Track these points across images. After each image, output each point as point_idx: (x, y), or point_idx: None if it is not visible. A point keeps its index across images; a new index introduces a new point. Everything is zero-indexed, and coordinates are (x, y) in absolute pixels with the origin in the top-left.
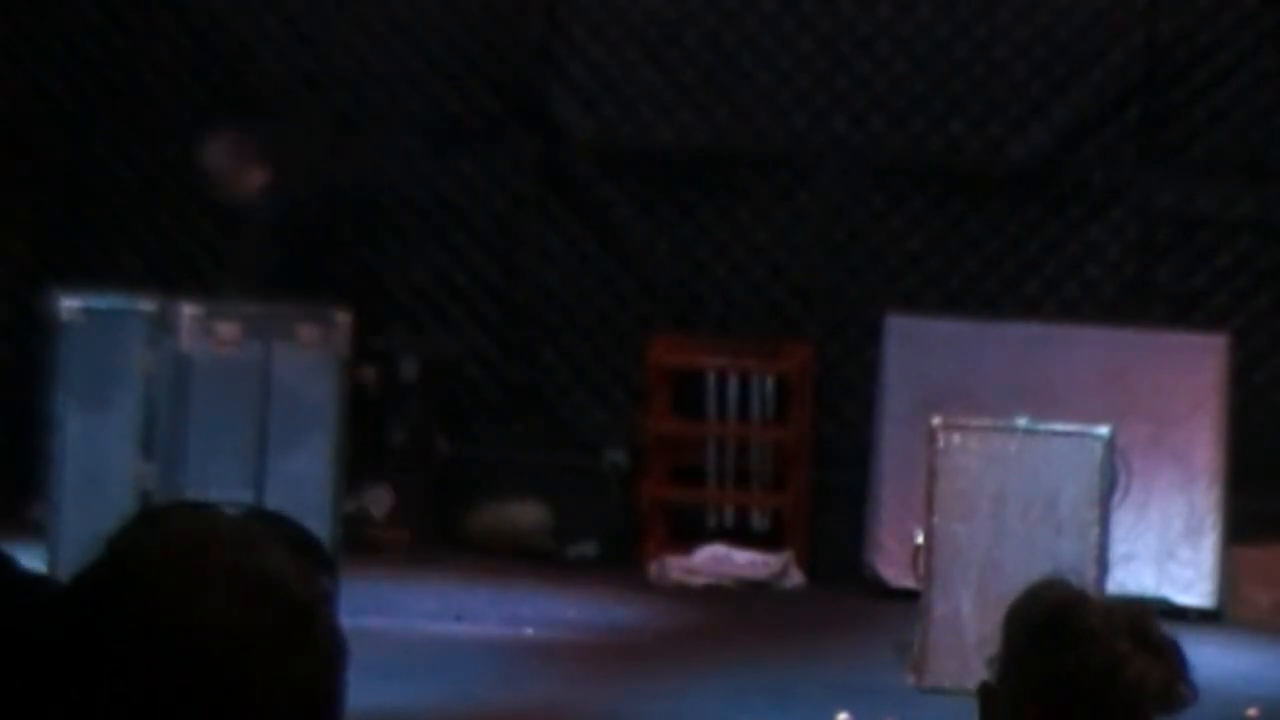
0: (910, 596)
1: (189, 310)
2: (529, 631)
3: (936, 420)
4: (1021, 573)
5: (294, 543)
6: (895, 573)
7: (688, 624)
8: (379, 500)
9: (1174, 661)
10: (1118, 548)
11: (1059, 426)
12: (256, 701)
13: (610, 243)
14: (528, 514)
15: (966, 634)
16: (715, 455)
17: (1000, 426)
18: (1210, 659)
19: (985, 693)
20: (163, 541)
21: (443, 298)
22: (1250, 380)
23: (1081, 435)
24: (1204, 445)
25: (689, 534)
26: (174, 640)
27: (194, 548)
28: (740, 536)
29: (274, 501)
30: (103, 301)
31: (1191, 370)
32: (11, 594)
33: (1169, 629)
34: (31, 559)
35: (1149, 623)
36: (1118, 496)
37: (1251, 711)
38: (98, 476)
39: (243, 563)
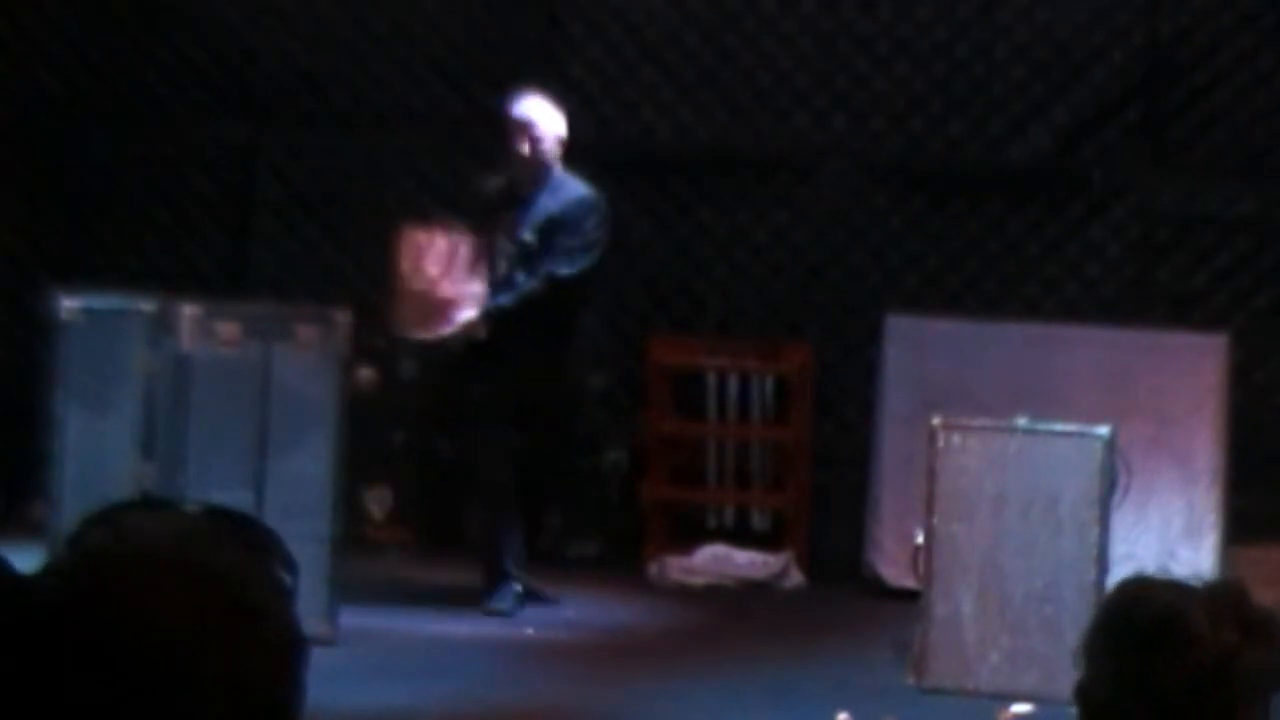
0: (910, 596)
1: (189, 310)
2: (529, 631)
3: (936, 420)
4: (1021, 573)
5: (250, 540)
6: (895, 573)
7: (688, 624)
8: (379, 500)
9: (1278, 639)
10: (1118, 548)
11: (1059, 426)
12: (207, 698)
13: (610, 243)
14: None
15: (966, 634)
16: (715, 455)
17: (1000, 427)
18: None
19: (1085, 697)
20: (115, 539)
21: None
22: (1250, 380)
23: (1081, 435)
24: (1204, 445)
25: (689, 534)
26: (123, 637)
27: (146, 545)
28: (740, 536)
29: (274, 501)
30: (103, 302)
31: (1191, 370)
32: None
33: (1263, 606)
34: (31, 559)
35: (1248, 605)
36: (1118, 496)
37: None
38: (98, 476)
39: (194, 560)
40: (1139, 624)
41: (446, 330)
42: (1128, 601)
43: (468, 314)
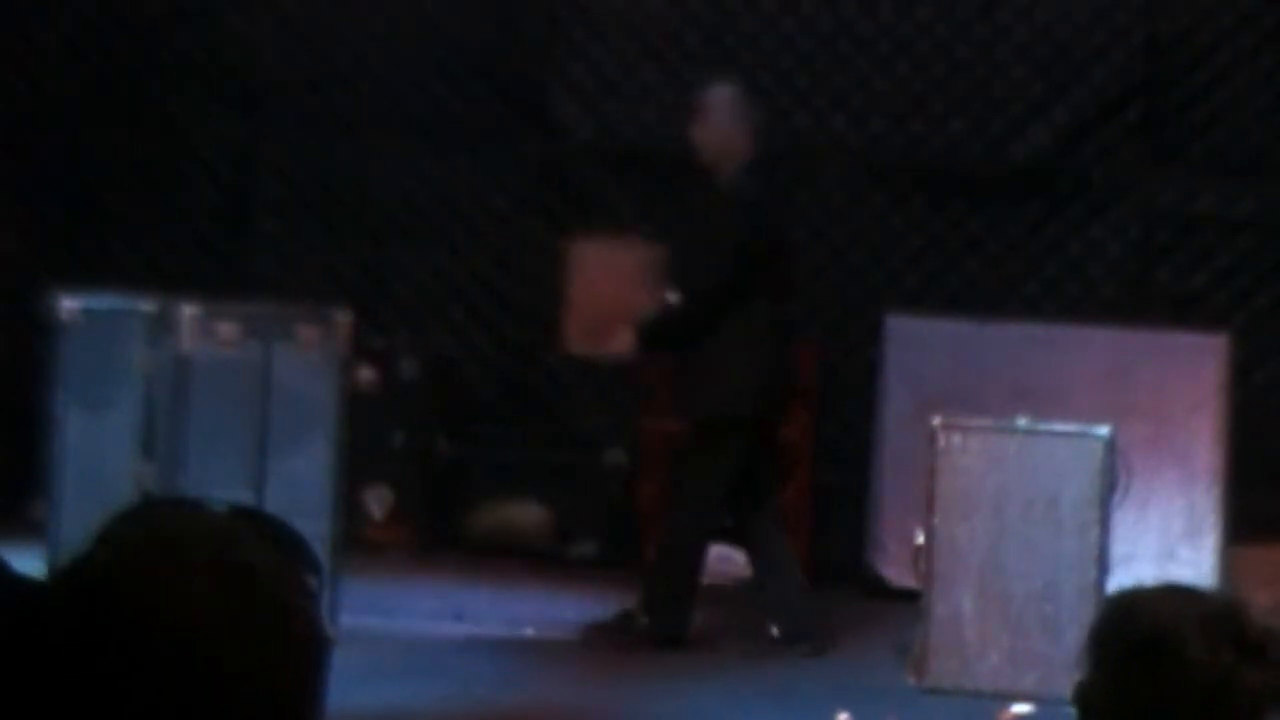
0: (910, 596)
1: (189, 310)
2: (529, 631)
3: (937, 421)
4: (1022, 573)
5: (278, 540)
6: (895, 573)
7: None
8: (379, 500)
9: (1278, 662)
10: (1118, 548)
11: (1059, 427)
12: (230, 694)
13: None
14: (528, 514)
15: (967, 634)
16: None
17: (1000, 427)
18: None
19: (1083, 701)
20: (145, 536)
21: (443, 298)
22: (1250, 380)
23: (1082, 435)
24: (1204, 445)
25: None
26: (150, 632)
27: (175, 542)
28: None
29: (274, 501)
30: (103, 302)
31: (1191, 370)
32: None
33: (1262, 623)
34: (32, 559)
35: (1246, 624)
36: (1118, 497)
37: None
38: (98, 476)
39: (222, 558)
40: (1132, 640)
41: (613, 349)
42: (1121, 616)
43: (624, 333)
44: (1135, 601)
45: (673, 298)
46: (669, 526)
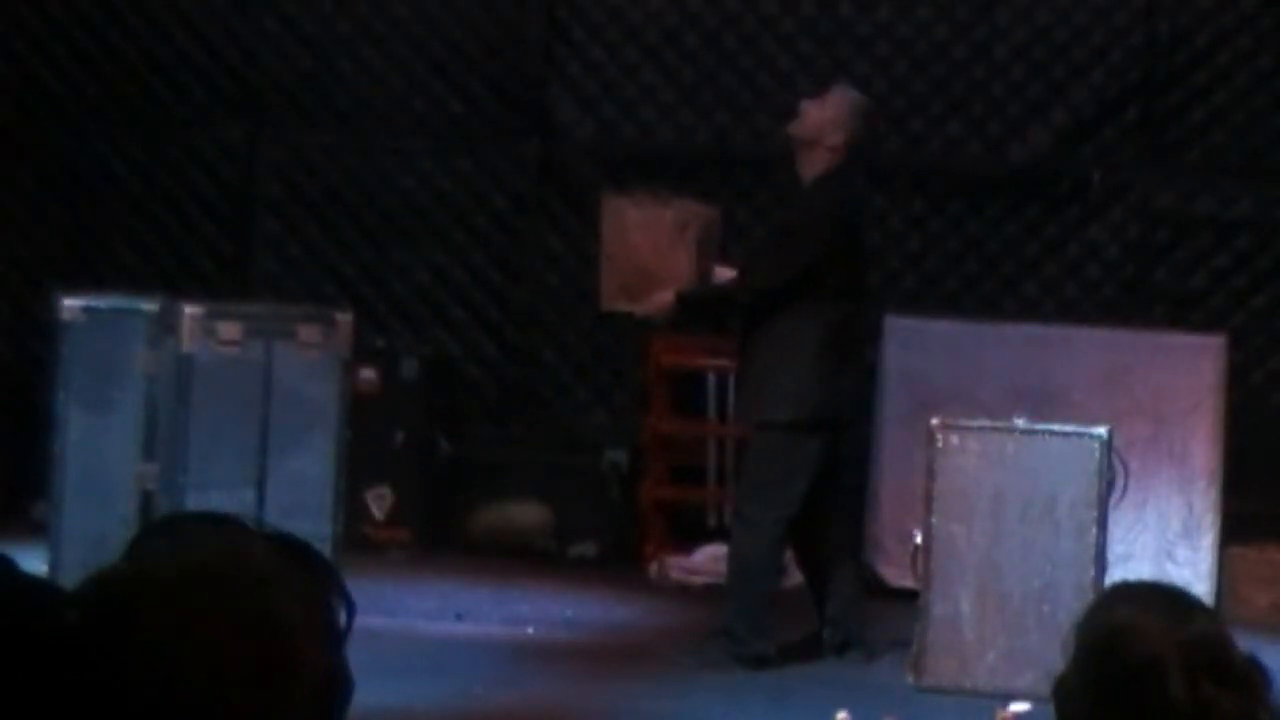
0: (910, 596)
1: (190, 310)
2: (529, 631)
3: (935, 421)
4: (1020, 572)
5: (314, 577)
6: (895, 573)
7: (688, 624)
8: (379, 500)
9: (1257, 690)
10: (1115, 548)
11: (1057, 427)
12: None
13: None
14: (528, 514)
15: (965, 634)
16: (715, 455)
17: (999, 427)
18: None
19: (1060, 703)
20: (178, 569)
21: (443, 298)
22: (1248, 380)
23: (1080, 435)
24: (1202, 445)
25: (689, 534)
26: (161, 672)
27: (206, 584)
28: None
29: (275, 501)
30: (104, 301)
31: (1190, 370)
32: (12, 599)
33: (1245, 652)
34: (33, 559)
35: (1229, 655)
36: (1116, 497)
37: None
38: (99, 476)
39: (250, 609)
40: (1112, 670)
41: (649, 308)
42: (1107, 644)
43: (664, 293)
44: (1118, 624)
45: (725, 272)
46: (733, 538)
